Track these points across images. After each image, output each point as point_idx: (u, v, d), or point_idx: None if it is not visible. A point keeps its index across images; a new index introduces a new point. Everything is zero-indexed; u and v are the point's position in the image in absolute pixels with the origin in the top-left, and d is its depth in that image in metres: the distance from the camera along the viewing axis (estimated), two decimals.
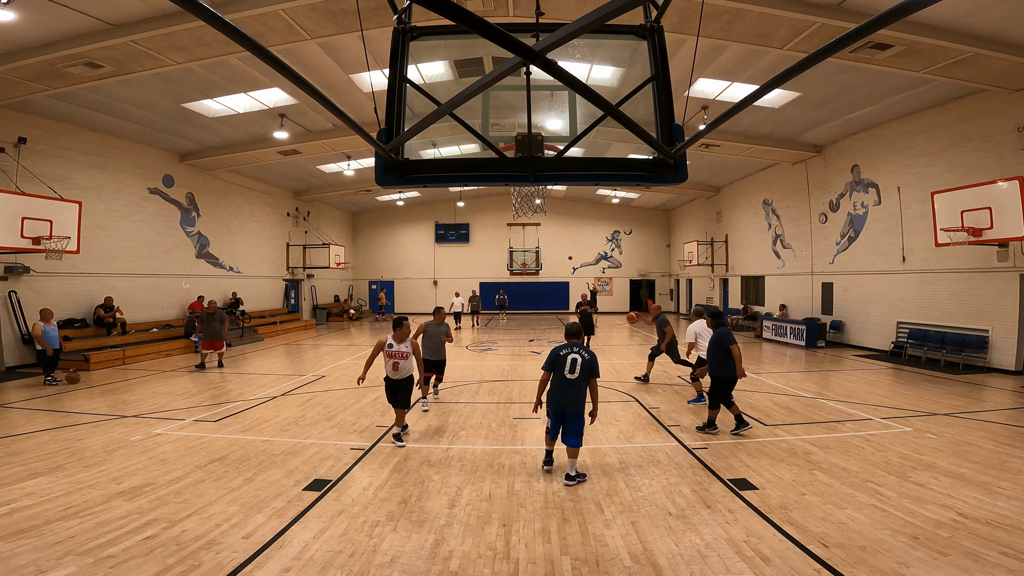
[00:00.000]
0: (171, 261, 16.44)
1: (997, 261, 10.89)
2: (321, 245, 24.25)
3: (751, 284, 22.04)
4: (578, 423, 5.24)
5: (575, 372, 5.22)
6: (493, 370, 12.04)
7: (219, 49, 9.32)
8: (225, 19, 1.47)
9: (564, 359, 5.29)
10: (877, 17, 1.45)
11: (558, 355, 5.33)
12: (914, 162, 13.03)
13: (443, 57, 3.77)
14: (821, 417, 7.69)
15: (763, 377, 11.04)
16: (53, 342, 10.26)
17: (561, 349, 5.37)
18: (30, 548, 3.85)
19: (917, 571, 3.56)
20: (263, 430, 7.12)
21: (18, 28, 8.45)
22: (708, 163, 20.03)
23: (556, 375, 5.32)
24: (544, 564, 3.74)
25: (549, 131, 3.14)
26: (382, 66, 10.18)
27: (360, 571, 3.64)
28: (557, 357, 5.33)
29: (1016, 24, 8.41)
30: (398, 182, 2.97)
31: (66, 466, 5.64)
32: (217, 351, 12.35)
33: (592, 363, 5.30)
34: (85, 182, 13.34)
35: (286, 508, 4.65)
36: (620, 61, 3.69)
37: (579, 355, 5.28)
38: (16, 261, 11.49)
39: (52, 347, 10.23)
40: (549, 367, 5.37)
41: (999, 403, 8.48)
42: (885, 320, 14.04)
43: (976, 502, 4.62)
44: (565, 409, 5.22)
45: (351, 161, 19.37)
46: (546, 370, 5.39)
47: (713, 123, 2.46)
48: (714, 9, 8.27)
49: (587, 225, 31.03)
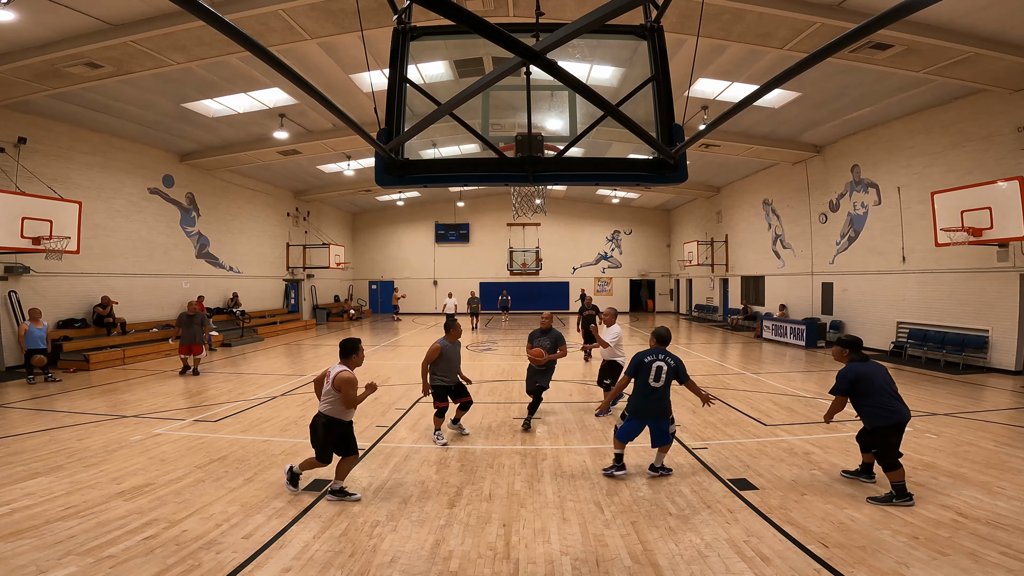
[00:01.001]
0: (171, 261, 16.44)
1: (997, 261, 10.88)
2: (321, 245, 24.25)
3: (751, 284, 22.04)
4: (664, 425, 5.17)
5: (660, 380, 5.01)
6: (493, 370, 12.04)
7: (219, 49, 9.32)
8: (225, 19, 1.47)
9: (649, 366, 5.05)
10: (877, 17, 1.45)
11: (642, 362, 5.09)
12: (914, 162, 13.03)
13: (443, 57, 3.77)
14: (821, 417, 7.67)
15: (763, 377, 11.04)
16: (36, 343, 10.19)
17: (646, 355, 5.13)
18: (30, 548, 3.85)
19: (917, 571, 3.56)
20: (263, 430, 7.11)
21: (18, 28, 8.44)
22: (708, 163, 20.03)
23: (639, 381, 5.11)
24: (544, 564, 3.74)
25: (549, 131, 3.14)
26: (382, 66, 10.18)
27: (360, 571, 3.64)
28: (641, 364, 5.09)
29: (1016, 24, 8.41)
30: (398, 182, 2.97)
31: (66, 466, 5.64)
32: (195, 355, 11.31)
33: (678, 369, 5.13)
34: (85, 182, 13.34)
35: (286, 508, 4.65)
36: (620, 61, 3.69)
37: (664, 362, 5.07)
38: (16, 261, 11.49)
39: (35, 347, 10.14)
40: (632, 373, 5.16)
41: (999, 403, 8.48)
42: (885, 320, 14.04)
43: (976, 502, 4.62)
44: (650, 416, 5.11)
45: (351, 161, 19.37)
46: (628, 375, 5.23)
47: (713, 123, 2.46)
48: (714, 9, 8.26)
49: (587, 225, 31.03)
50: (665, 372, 5.05)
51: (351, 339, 4.89)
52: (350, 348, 4.81)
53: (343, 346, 4.82)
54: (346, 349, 4.81)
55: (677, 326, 23.63)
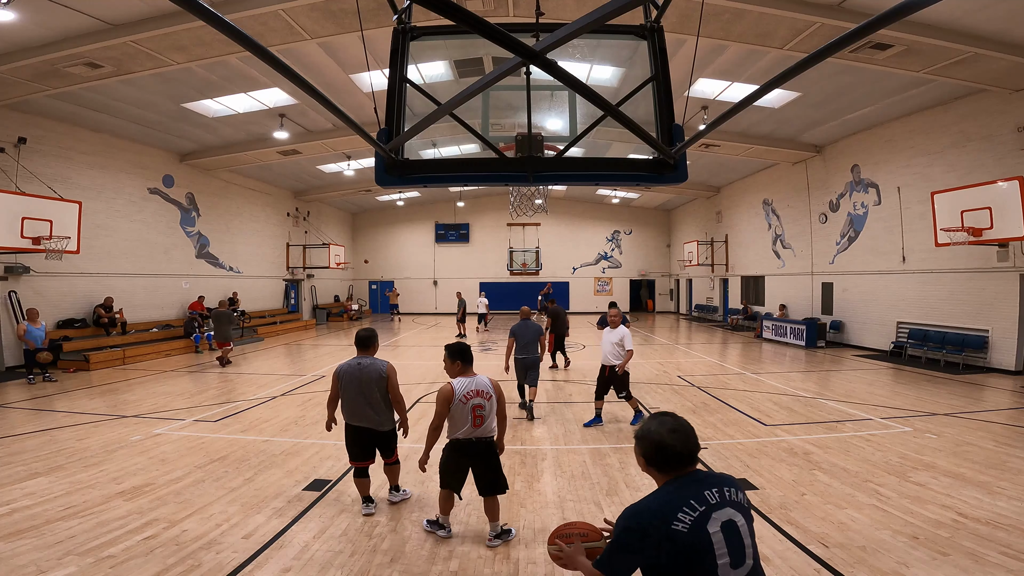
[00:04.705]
0: (171, 261, 16.44)
1: (997, 261, 10.88)
2: (321, 245, 24.25)
3: (751, 284, 22.04)
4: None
5: (744, 562, 1.69)
6: (493, 370, 12.02)
7: (219, 49, 9.32)
8: (225, 19, 1.47)
9: (707, 542, 1.65)
10: (877, 17, 1.44)
11: (699, 533, 1.65)
12: (914, 162, 13.03)
13: (443, 57, 3.77)
14: (821, 417, 7.68)
15: (763, 377, 11.04)
16: (36, 342, 10.25)
17: (678, 507, 1.70)
18: (30, 548, 3.85)
19: (917, 571, 3.56)
20: (263, 430, 7.11)
21: (18, 28, 8.44)
22: (708, 163, 20.03)
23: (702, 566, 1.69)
24: (544, 564, 3.74)
25: (549, 131, 3.14)
26: (382, 66, 10.17)
27: (360, 571, 3.64)
28: (695, 541, 1.65)
29: (1016, 24, 8.41)
30: (398, 182, 2.97)
31: (66, 466, 5.64)
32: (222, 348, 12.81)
33: (748, 509, 1.88)
34: (85, 182, 13.34)
35: (286, 508, 4.64)
36: (620, 61, 3.69)
37: (735, 513, 1.73)
38: (16, 261, 11.49)
39: (34, 346, 10.23)
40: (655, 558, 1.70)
41: (999, 403, 8.48)
42: (885, 320, 14.03)
43: (976, 502, 4.62)
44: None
45: (351, 161, 19.37)
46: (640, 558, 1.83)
47: (713, 123, 2.46)
48: (714, 9, 8.26)
49: (587, 225, 31.03)
50: (746, 534, 1.74)
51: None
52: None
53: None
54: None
55: (677, 326, 23.62)
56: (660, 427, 1.84)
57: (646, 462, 1.86)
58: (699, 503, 1.69)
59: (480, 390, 3.93)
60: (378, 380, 4.44)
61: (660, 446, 1.81)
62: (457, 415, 3.89)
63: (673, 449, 1.79)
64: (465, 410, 3.87)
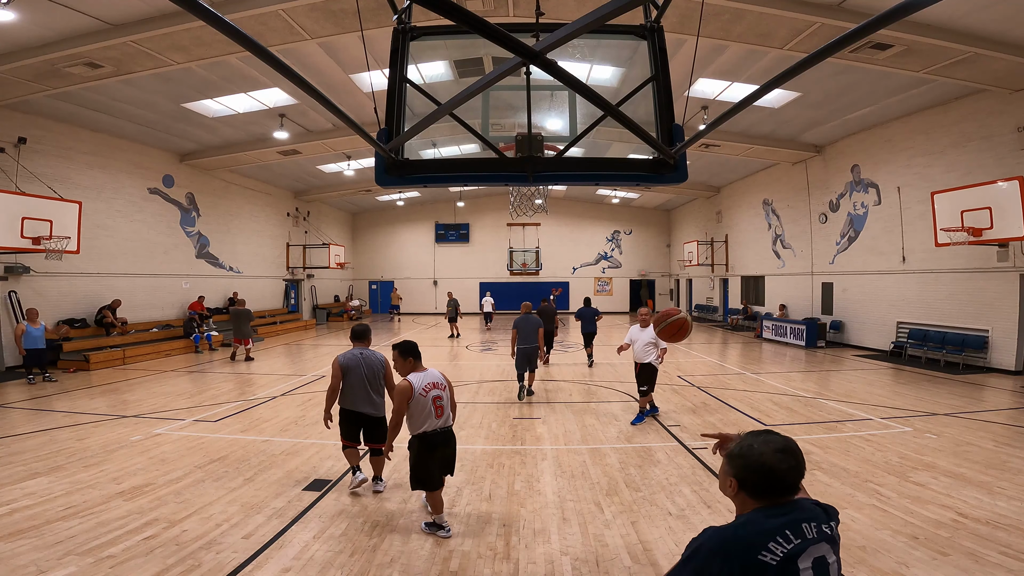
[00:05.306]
0: (171, 261, 16.44)
1: (997, 261, 10.88)
2: (321, 245, 24.25)
3: (751, 284, 22.04)
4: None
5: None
6: (493, 370, 12.04)
7: (219, 49, 9.31)
8: (225, 19, 1.47)
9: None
10: (877, 17, 1.45)
11: (788, 568, 1.40)
12: (914, 162, 13.03)
13: (443, 57, 3.77)
14: (821, 417, 7.68)
15: (763, 377, 11.04)
16: (35, 343, 10.21)
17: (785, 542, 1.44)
18: (30, 548, 3.85)
19: (917, 571, 3.56)
20: (263, 430, 7.11)
21: (18, 28, 8.44)
22: (708, 163, 20.03)
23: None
24: (544, 564, 3.74)
25: (549, 131, 3.14)
26: (382, 66, 10.17)
27: (360, 571, 3.64)
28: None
29: (1016, 24, 8.41)
30: (398, 182, 2.97)
31: (66, 466, 5.64)
32: (243, 346, 13.65)
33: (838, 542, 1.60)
34: (85, 182, 13.34)
35: (286, 508, 4.64)
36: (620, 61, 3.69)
37: (830, 550, 1.49)
38: (16, 261, 11.48)
39: (34, 347, 10.17)
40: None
41: (999, 403, 8.48)
42: (885, 320, 14.04)
43: (976, 502, 4.62)
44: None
45: (351, 161, 19.37)
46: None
47: (713, 123, 2.46)
48: (714, 9, 8.26)
49: (587, 225, 31.02)
50: (835, 572, 1.50)
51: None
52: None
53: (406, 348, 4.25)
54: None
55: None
56: (765, 446, 1.55)
57: (739, 485, 1.55)
58: (795, 535, 1.44)
59: (436, 382, 4.13)
60: (380, 367, 4.98)
61: (764, 469, 1.52)
62: (418, 409, 4.03)
63: (778, 474, 1.52)
64: (426, 402, 4.02)
